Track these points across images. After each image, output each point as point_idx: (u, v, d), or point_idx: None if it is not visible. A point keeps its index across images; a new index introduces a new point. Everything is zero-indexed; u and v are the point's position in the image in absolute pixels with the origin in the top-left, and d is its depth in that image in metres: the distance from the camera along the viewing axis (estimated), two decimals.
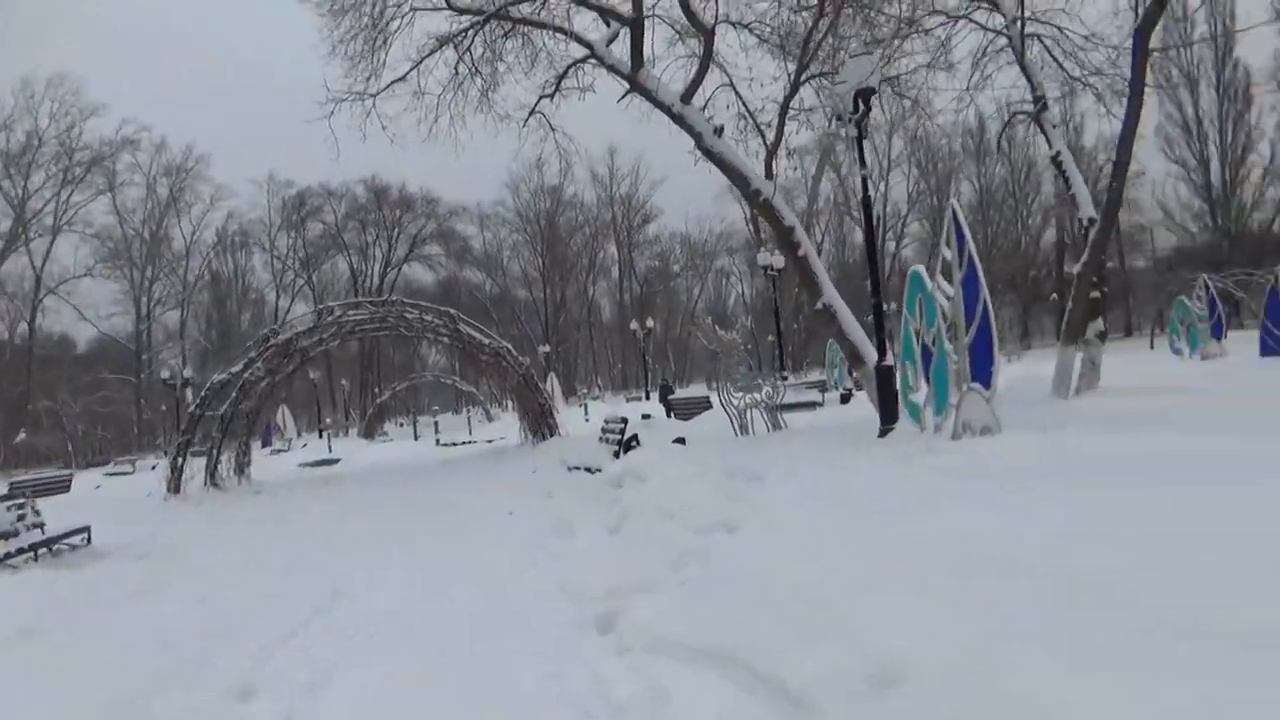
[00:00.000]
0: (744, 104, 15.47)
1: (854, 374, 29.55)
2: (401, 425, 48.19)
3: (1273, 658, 2.54)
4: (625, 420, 12.08)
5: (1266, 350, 20.07)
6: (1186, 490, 4.49)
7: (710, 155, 15.03)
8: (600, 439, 12.31)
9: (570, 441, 17.16)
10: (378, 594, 6.16)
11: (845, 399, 24.77)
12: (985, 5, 17.62)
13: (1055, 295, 57.08)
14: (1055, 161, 16.44)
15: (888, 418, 11.61)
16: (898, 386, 10.05)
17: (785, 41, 15.26)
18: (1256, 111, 53.21)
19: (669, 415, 25.42)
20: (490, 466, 14.89)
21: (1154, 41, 15.29)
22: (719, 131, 15.11)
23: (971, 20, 18.07)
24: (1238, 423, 7.68)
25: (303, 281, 72.92)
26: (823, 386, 25.53)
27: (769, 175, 15.27)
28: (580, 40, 16.27)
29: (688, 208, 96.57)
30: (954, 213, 8.44)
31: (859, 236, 68.16)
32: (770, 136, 15.16)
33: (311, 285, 72.46)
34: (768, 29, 15.90)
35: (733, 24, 15.81)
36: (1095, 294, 14.90)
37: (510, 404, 25.74)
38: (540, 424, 20.37)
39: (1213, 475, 4.80)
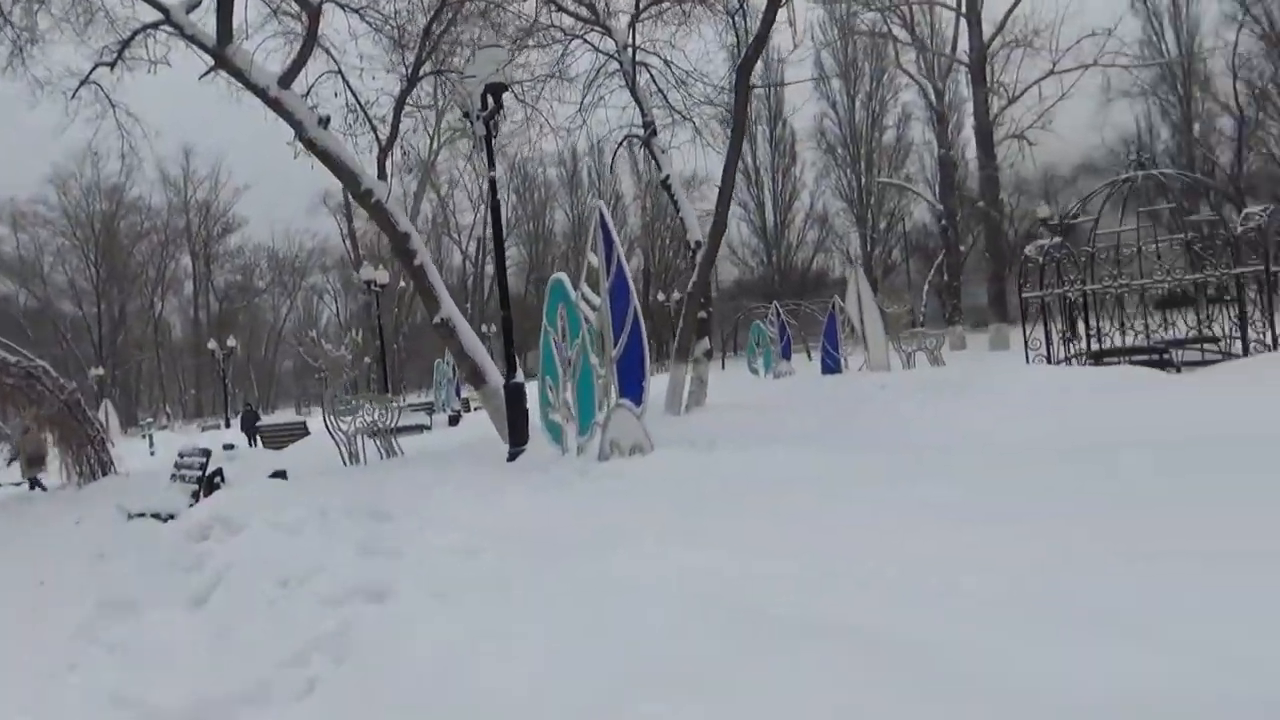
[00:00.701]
0: (354, 95, 13.88)
1: (462, 395, 28.78)
2: None
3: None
4: (207, 453, 9.88)
5: (826, 369, 22.40)
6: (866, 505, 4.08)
7: (313, 148, 13.21)
8: (174, 477, 9.97)
9: (132, 481, 14.05)
10: None
11: (454, 421, 23.73)
12: (599, 29, 17.77)
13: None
14: (665, 185, 16.92)
15: (518, 439, 10.76)
16: (535, 405, 9.19)
17: (402, 33, 13.93)
18: (800, 166, 61.57)
19: (251, 444, 22.48)
20: (9, 520, 11.53)
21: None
22: (324, 122, 13.34)
23: (586, 41, 18.15)
24: (853, 434, 7.96)
25: None
26: (430, 408, 24.22)
27: (382, 175, 13.80)
28: (153, 1, 13.54)
29: (276, 219, 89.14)
30: (601, 216, 7.81)
31: (457, 257, 67.69)
32: (384, 133, 13.72)
33: None
34: (380, 18, 14.46)
35: (341, 5, 14.12)
36: (702, 314, 15.43)
37: (51, 437, 20.99)
38: (89, 460, 16.64)
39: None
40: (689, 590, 3.38)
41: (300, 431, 19.16)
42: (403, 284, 61.13)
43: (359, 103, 13.82)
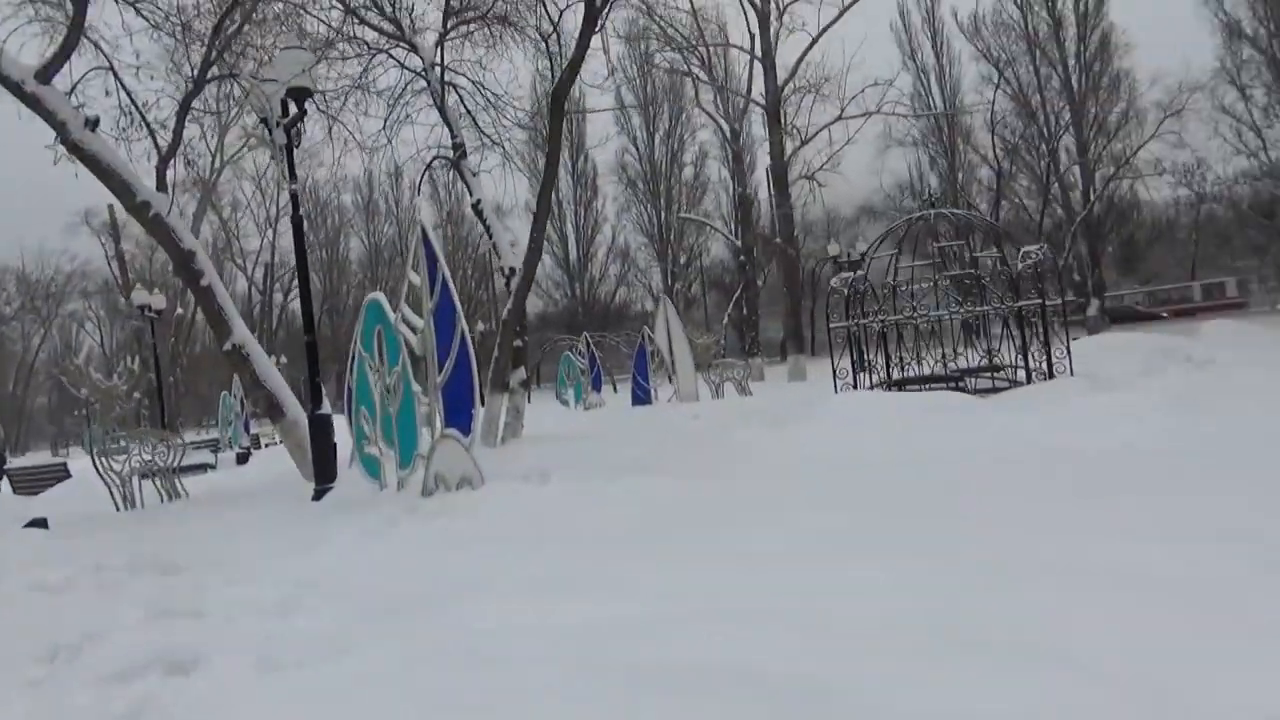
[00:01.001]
0: (129, 95, 12.44)
1: (251, 430, 26.67)
2: None
3: None
4: None
5: (637, 400, 22.45)
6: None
7: (79, 153, 11.76)
8: None
9: None
10: None
11: (243, 459, 21.90)
12: (404, 45, 17.07)
13: None
14: (476, 210, 16.37)
15: (324, 475, 9.86)
16: (350, 438, 8.40)
17: (186, 31, 12.67)
18: (602, 199, 62.28)
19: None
20: None
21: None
22: (92, 124, 11.91)
23: (391, 56, 17.37)
24: (692, 461, 7.81)
25: None
26: (215, 445, 22.23)
27: (162, 186, 12.45)
28: None
29: (26, 239, 79.77)
30: (423, 233, 7.26)
31: (242, 284, 63.45)
32: (165, 139, 12.38)
33: None
34: (160, 14, 13.09)
35: None
36: (518, 343, 14.96)
37: None
38: None
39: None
40: (567, 646, 2.97)
41: (59, 473, 16.90)
42: (180, 310, 56.50)
43: (135, 104, 12.39)
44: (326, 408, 10.11)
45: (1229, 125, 37.61)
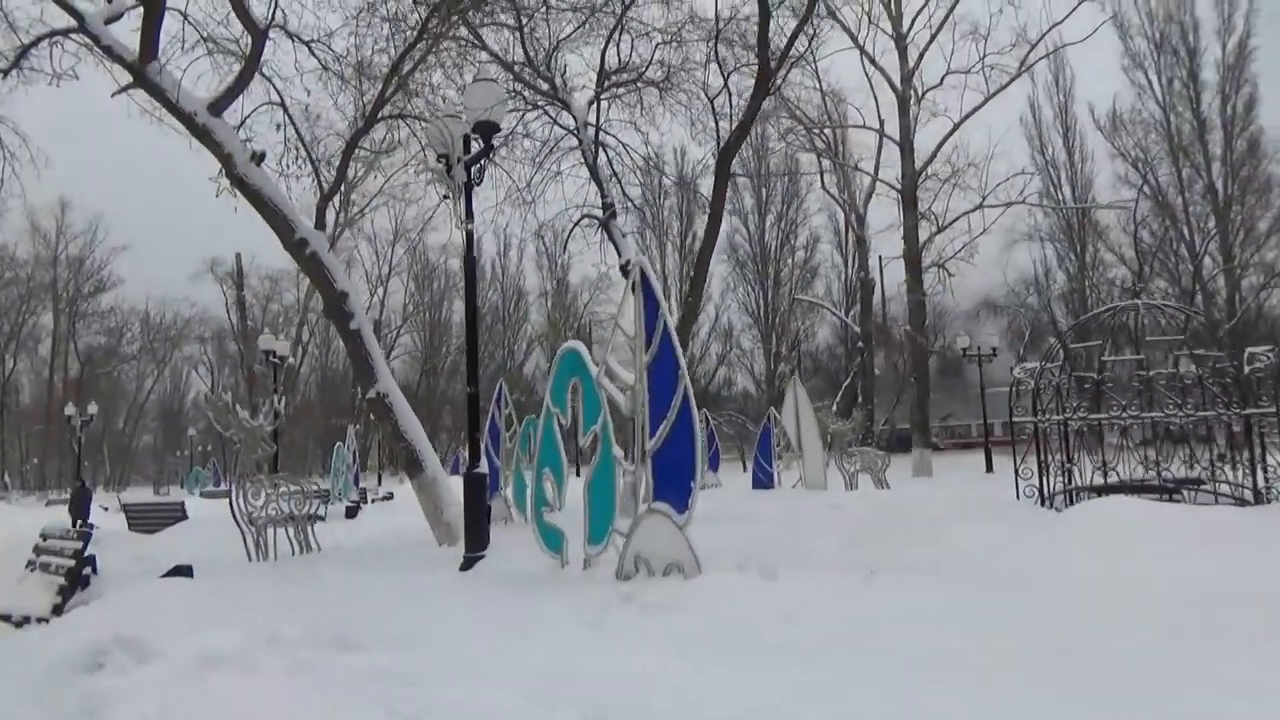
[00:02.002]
0: (298, 132, 12.16)
1: (360, 484, 26.23)
2: None
3: None
4: (87, 534, 7.65)
5: (758, 483, 21.18)
6: None
7: (242, 186, 11.46)
8: (31, 565, 7.67)
9: None
10: None
11: (351, 513, 21.27)
12: (557, 103, 16.73)
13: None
14: (624, 271, 15.69)
15: (476, 542, 8.93)
16: (528, 502, 7.45)
17: (359, 72, 12.38)
18: (708, 277, 61.71)
19: (75, 525, 19.29)
20: None
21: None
22: (258, 159, 11.63)
23: (546, 112, 17.06)
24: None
25: None
26: (326, 497, 21.70)
27: (320, 224, 12.06)
28: (67, 6, 11.73)
29: (154, 284, 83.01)
30: (642, 273, 6.35)
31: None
32: (328, 177, 12.01)
33: None
34: (331, 55, 12.88)
35: (290, 34, 12.52)
36: None
37: None
38: None
39: None
40: None
41: (177, 513, 16.48)
42: (290, 360, 57.65)
43: (302, 140, 12.11)
44: (484, 466, 9.24)
45: None
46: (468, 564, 8.80)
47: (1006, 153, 39.08)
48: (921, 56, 28.77)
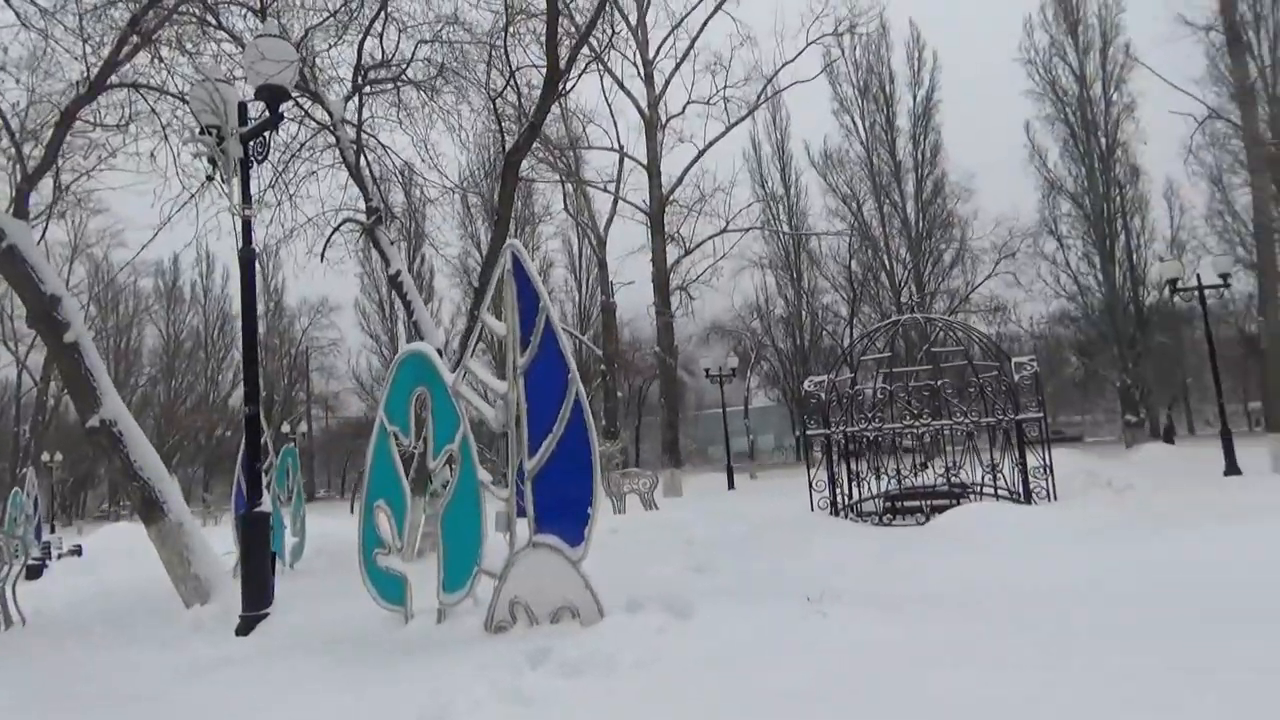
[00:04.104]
0: None
1: (43, 538, 21.87)
2: None
3: None
4: None
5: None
6: None
7: None
8: None
9: None
10: None
11: (34, 573, 17.64)
12: (308, 95, 14.92)
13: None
14: (394, 282, 14.12)
15: (258, 599, 7.25)
16: (359, 544, 5.99)
17: (82, 28, 10.01)
18: (438, 301, 59.63)
19: None
20: None
21: None
22: None
23: (297, 103, 15.12)
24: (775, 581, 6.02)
25: None
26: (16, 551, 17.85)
27: (22, 212, 9.63)
28: None
29: None
30: (514, 258, 5.27)
31: (9, 374, 55.34)
32: (36, 155, 9.62)
33: None
34: (35, 9, 10.42)
35: None
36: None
37: None
38: None
39: None
40: None
41: None
42: None
43: None
44: (267, 503, 7.57)
45: (1048, 269, 40.50)
46: (246, 625, 7.10)
47: (743, 181, 41.18)
48: (668, 84, 29.38)
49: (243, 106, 7.91)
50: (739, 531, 11.24)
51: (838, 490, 12.24)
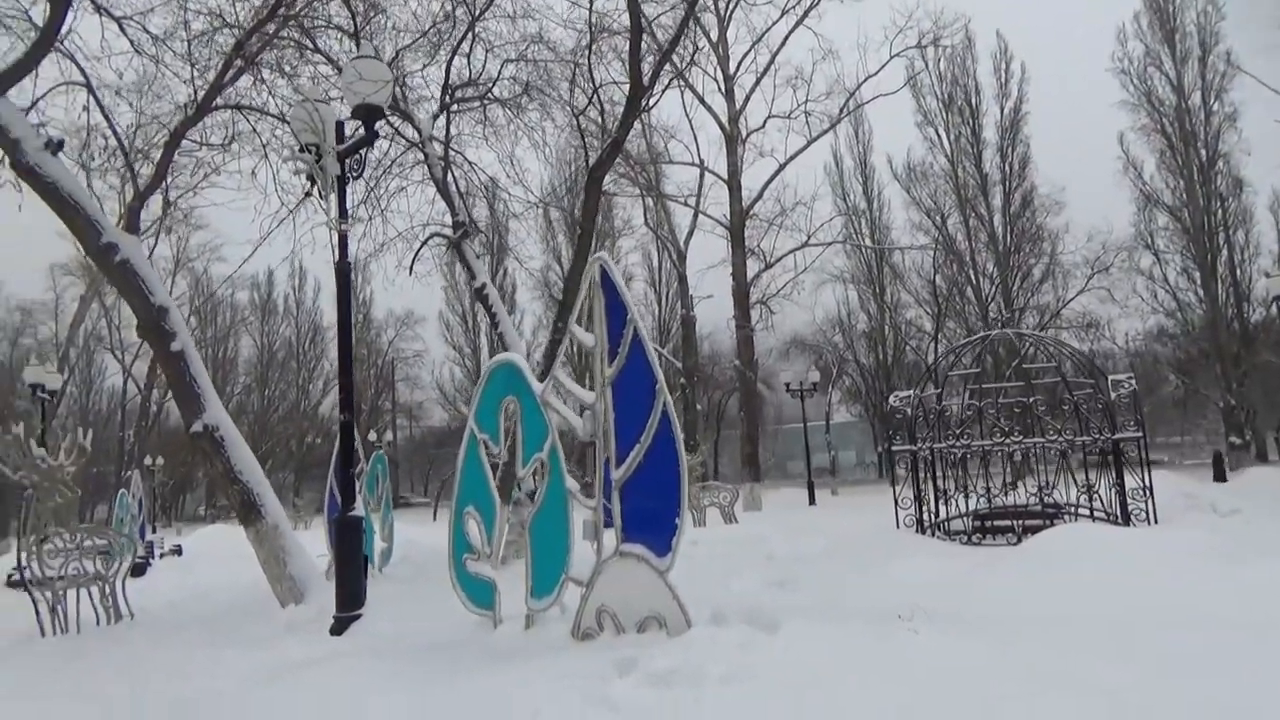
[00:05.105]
0: (106, 115, 10.19)
1: (146, 537, 22.90)
2: None
3: None
4: None
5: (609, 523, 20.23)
6: None
7: (32, 178, 9.48)
8: None
9: None
10: None
11: (139, 570, 18.45)
12: (399, 114, 15.35)
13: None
14: (480, 295, 14.43)
15: (351, 600, 7.47)
16: (449, 549, 6.12)
17: (190, 53, 10.55)
18: (519, 314, 60.49)
19: None
20: None
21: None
22: (55, 147, 9.65)
23: (389, 122, 15.59)
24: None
25: None
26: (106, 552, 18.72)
27: (133, 228, 10.14)
28: None
29: None
30: (603, 271, 5.34)
31: (115, 381, 58.02)
32: (146, 173, 10.13)
33: None
34: (148, 37, 10.98)
35: (99, 8, 10.57)
36: None
37: None
38: None
39: None
40: None
41: None
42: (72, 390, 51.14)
43: (115, 131, 10.14)
44: (360, 508, 7.80)
45: (1144, 285, 39.04)
46: (340, 626, 7.32)
47: (824, 195, 40.86)
48: (748, 99, 29.35)
49: (339, 125, 8.22)
50: (820, 547, 11.12)
51: (924, 508, 11.99)
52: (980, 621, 5.16)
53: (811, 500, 29.31)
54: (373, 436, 42.99)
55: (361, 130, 8.00)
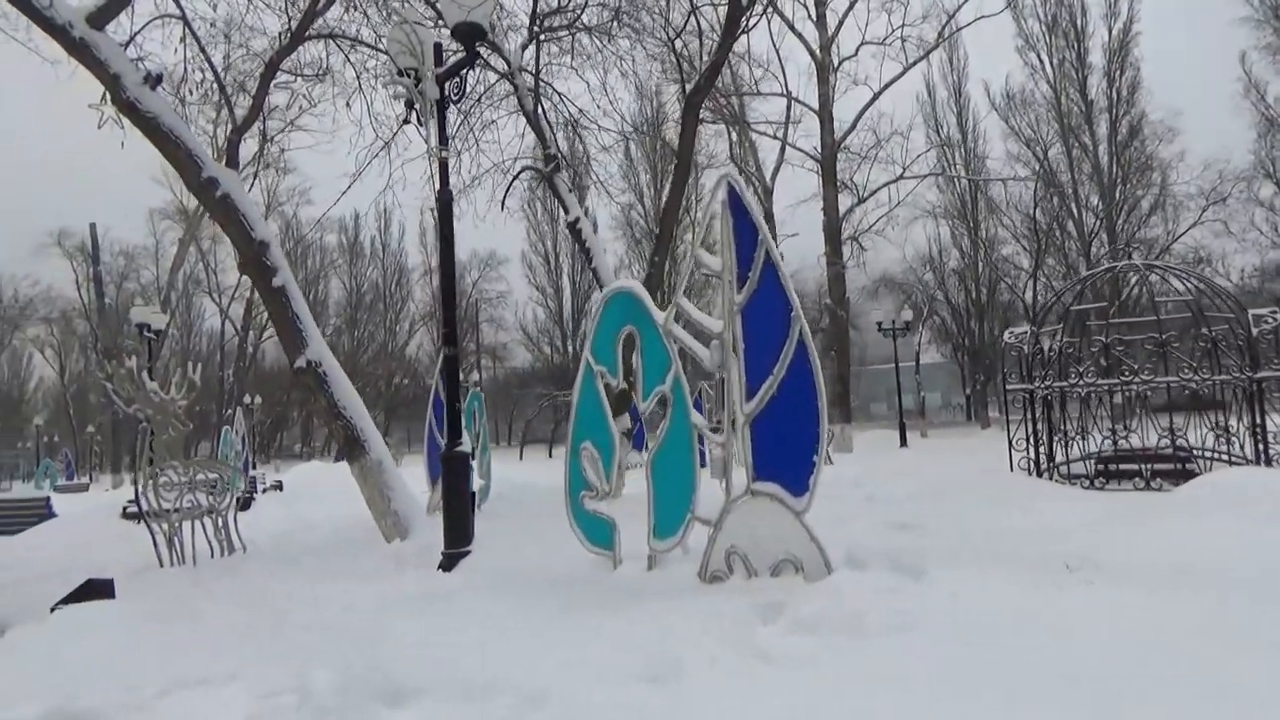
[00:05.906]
0: (202, 48, 10.07)
1: (250, 473, 23.66)
2: None
3: None
4: None
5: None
6: None
7: (133, 114, 9.42)
8: None
9: None
10: None
11: (245, 505, 18.98)
12: (487, 44, 14.95)
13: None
14: (573, 229, 14.13)
15: (460, 537, 7.35)
16: (565, 486, 5.90)
17: None
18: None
19: None
20: None
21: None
22: (154, 81, 9.58)
23: (477, 52, 15.23)
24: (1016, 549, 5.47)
25: None
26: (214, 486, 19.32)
27: (233, 163, 10.08)
28: None
29: None
30: (732, 188, 4.93)
31: (214, 323, 59.92)
32: (243, 109, 10.02)
33: None
34: None
35: None
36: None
37: None
38: None
39: None
40: None
41: (40, 510, 14.01)
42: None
43: (209, 61, 10.03)
44: (466, 443, 7.64)
45: (1263, 216, 36.68)
46: (449, 562, 7.22)
47: (917, 126, 39.18)
48: (840, 25, 28.07)
49: (437, 47, 7.90)
50: (923, 488, 10.70)
51: (1039, 450, 11.39)
52: (1157, 573, 4.69)
53: (903, 442, 28.64)
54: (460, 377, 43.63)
55: (461, 53, 7.67)
